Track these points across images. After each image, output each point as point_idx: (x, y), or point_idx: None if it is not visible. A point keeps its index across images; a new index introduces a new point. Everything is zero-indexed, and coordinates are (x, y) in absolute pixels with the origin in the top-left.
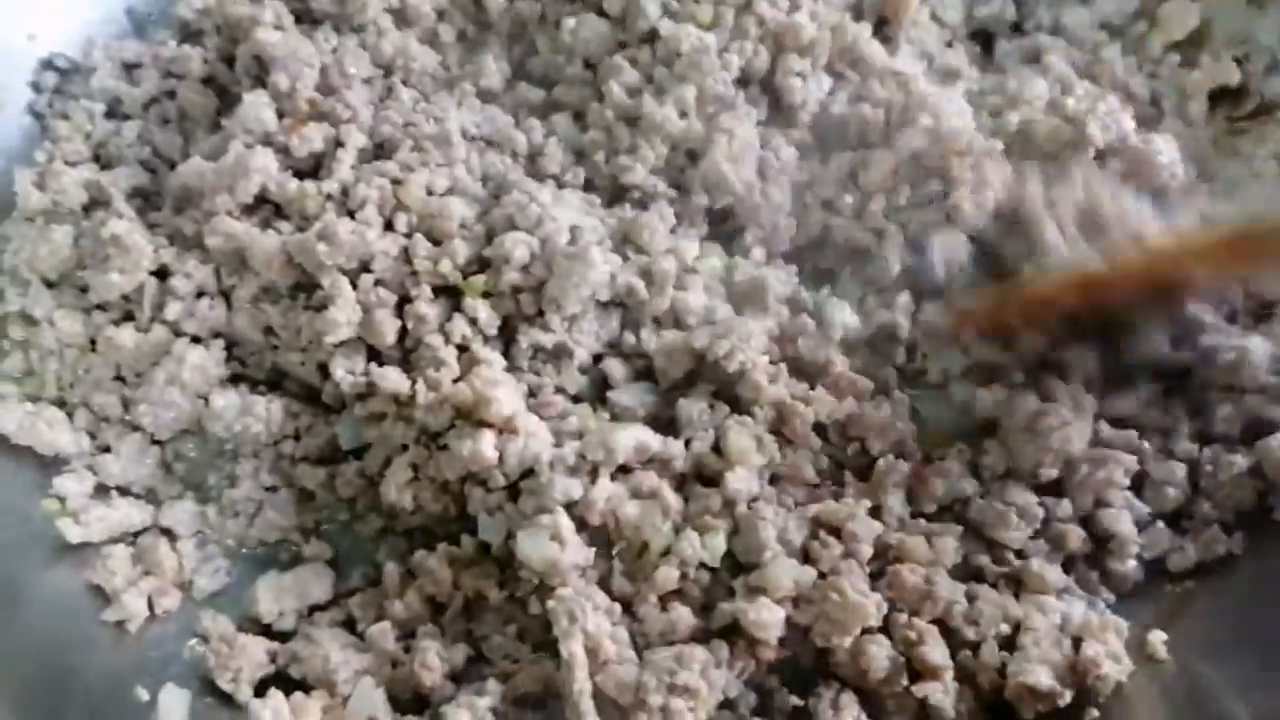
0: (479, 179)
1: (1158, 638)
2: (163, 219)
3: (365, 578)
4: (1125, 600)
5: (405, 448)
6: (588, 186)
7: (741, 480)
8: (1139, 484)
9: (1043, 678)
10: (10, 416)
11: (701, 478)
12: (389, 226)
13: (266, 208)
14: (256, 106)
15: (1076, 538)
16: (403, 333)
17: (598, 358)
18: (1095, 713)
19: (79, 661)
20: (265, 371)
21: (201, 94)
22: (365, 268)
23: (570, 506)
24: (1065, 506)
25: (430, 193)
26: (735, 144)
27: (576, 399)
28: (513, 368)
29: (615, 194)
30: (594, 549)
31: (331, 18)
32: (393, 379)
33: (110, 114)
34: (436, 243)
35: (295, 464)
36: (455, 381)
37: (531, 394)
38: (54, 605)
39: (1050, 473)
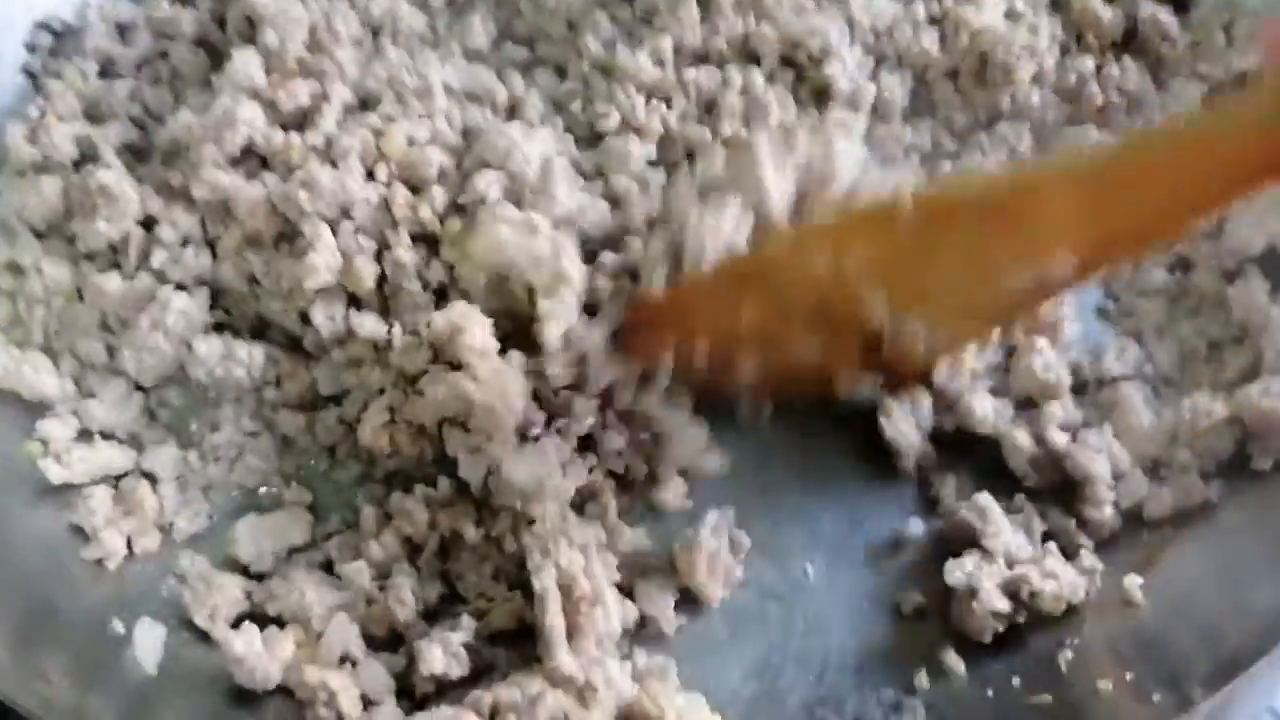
0: (459, 131)
1: (1133, 582)
2: (151, 172)
3: (344, 522)
4: (1102, 549)
5: (382, 392)
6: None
7: None
8: None
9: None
10: None
11: None
12: (370, 176)
13: (253, 160)
14: (246, 63)
15: None
16: (382, 280)
17: None
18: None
19: (59, 597)
20: (249, 320)
21: (193, 53)
22: (346, 215)
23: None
24: None
25: (411, 143)
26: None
27: None
28: None
29: (592, 142)
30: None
31: None
32: (370, 324)
33: (103, 73)
34: (416, 191)
35: (276, 410)
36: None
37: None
38: (37, 544)
39: None
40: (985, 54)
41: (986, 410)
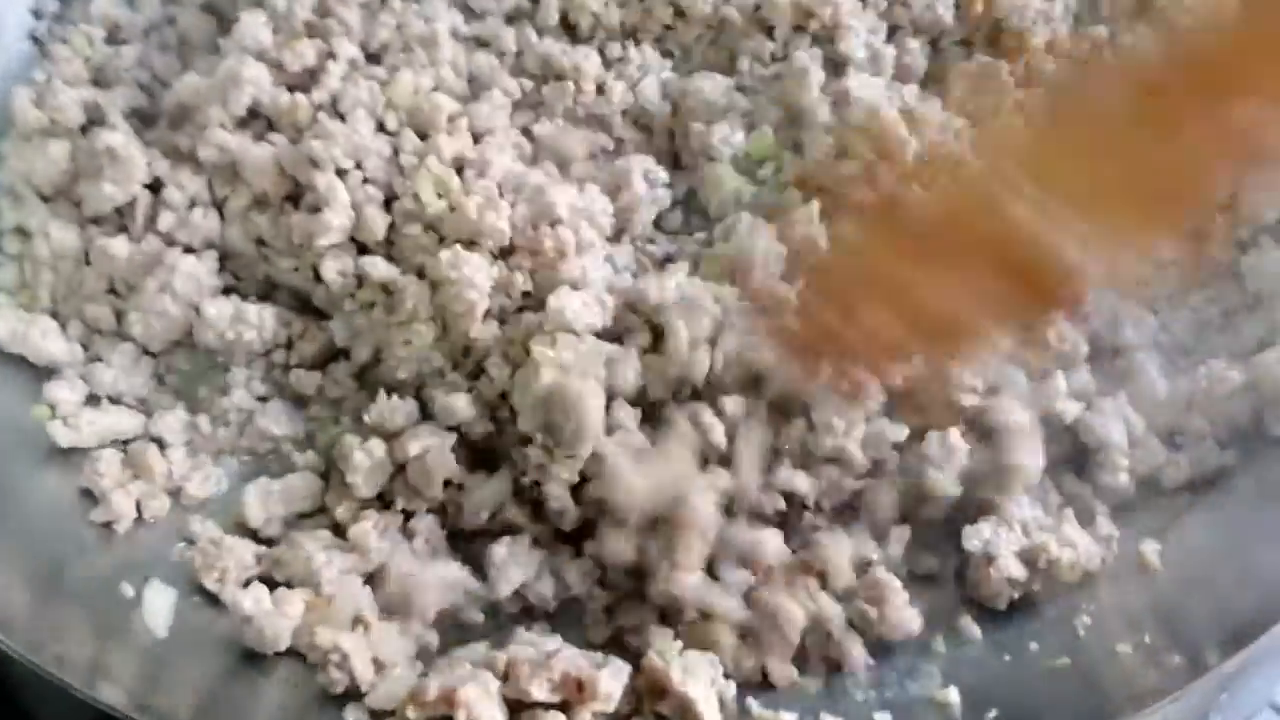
0: (465, 77)
1: (1151, 548)
2: (158, 136)
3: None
4: (1119, 515)
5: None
6: None
7: None
8: None
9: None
10: (3, 325)
11: None
12: (380, 128)
13: (259, 122)
14: (253, 25)
15: None
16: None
17: None
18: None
19: (69, 559)
20: (257, 282)
21: (201, 18)
22: (357, 167)
23: None
24: None
25: (416, 91)
26: None
27: None
28: None
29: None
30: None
31: None
32: (381, 268)
33: (110, 39)
34: (424, 138)
35: (288, 371)
36: None
37: None
38: (45, 507)
39: None
40: (999, 21)
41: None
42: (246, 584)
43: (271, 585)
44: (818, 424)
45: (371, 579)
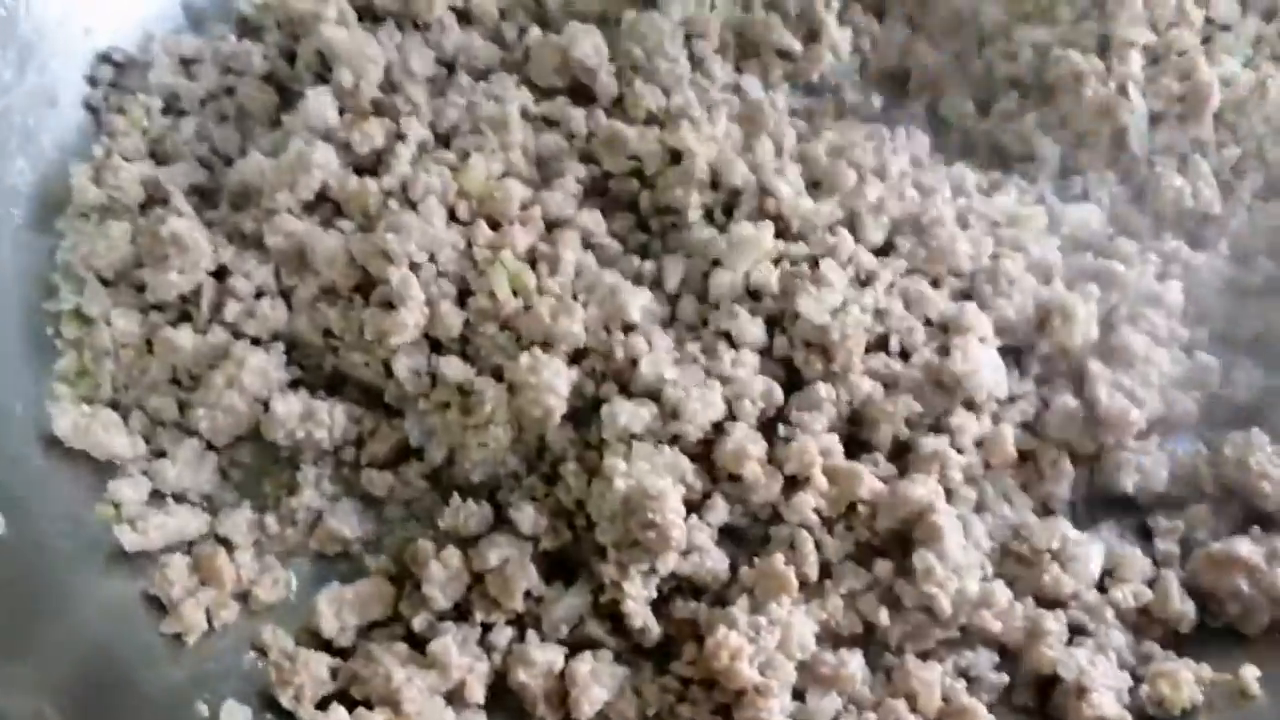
0: (533, 161)
1: (1251, 673)
2: (220, 217)
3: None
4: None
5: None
6: None
7: None
8: None
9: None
10: (65, 419)
11: None
12: (452, 216)
13: (326, 206)
14: (320, 103)
15: None
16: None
17: None
18: None
19: (135, 672)
20: (324, 375)
21: (262, 90)
22: (430, 260)
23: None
24: None
25: (488, 178)
26: None
27: None
28: None
29: None
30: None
31: (395, 15)
32: (458, 368)
33: (166, 110)
34: (495, 227)
35: (358, 469)
36: None
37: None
38: (108, 614)
39: None
40: None
41: None
42: (323, 703)
43: (348, 702)
44: (917, 570)
45: (451, 697)
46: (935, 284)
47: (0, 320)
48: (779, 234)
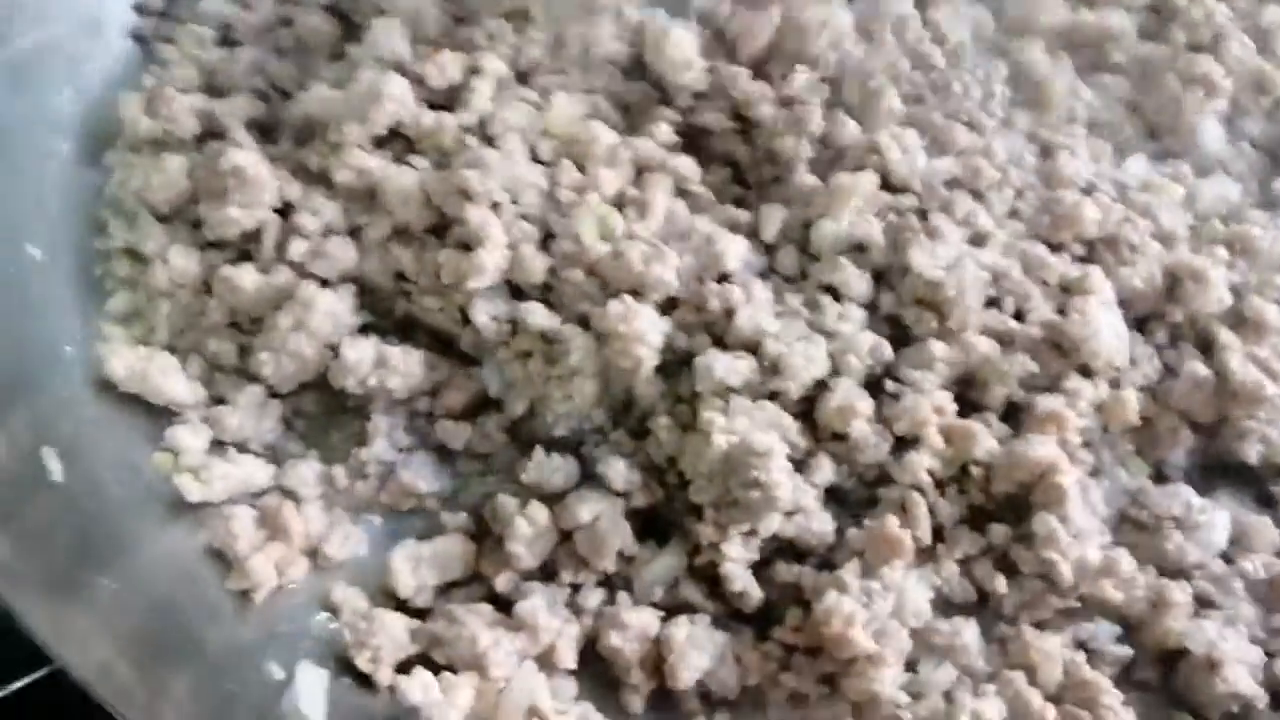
0: (622, 106)
1: None
2: (283, 152)
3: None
4: None
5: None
6: None
7: None
8: None
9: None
10: (119, 361)
11: None
12: (533, 156)
13: (399, 142)
14: (390, 34)
15: None
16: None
17: None
18: None
19: (202, 630)
20: (396, 321)
21: (323, 20)
22: (513, 201)
23: None
24: None
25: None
26: None
27: None
28: None
29: None
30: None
31: None
32: (540, 316)
33: (221, 41)
34: (582, 170)
35: (432, 420)
36: None
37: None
38: (171, 567)
39: None
40: None
41: None
42: (403, 666)
43: (429, 666)
44: (1038, 535)
45: (540, 661)
46: (1058, 248)
47: (47, 258)
48: (885, 186)
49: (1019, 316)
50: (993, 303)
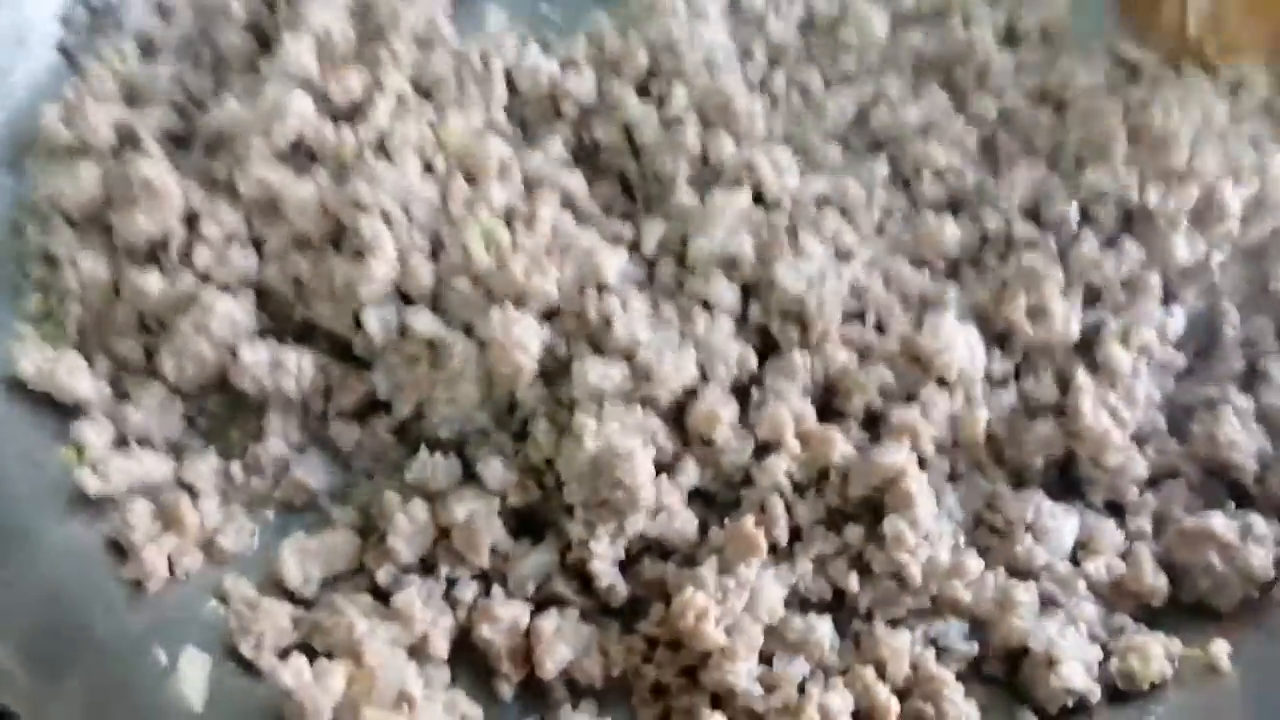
0: (517, 121)
1: (1222, 649)
2: (193, 163)
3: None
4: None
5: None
6: None
7: None
8: None
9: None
10: (28, 360)
11: None
12: (428, 170)
13: (301, 154)
14: (297, 49)
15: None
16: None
17: None
18: None
19: (94, 619)
20: (293, 325)
21: (240, 36)
22: (404, 212)
23: None
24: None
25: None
26: None
27: None
28: None
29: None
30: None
31: None
32: (426, 323)
33: (143, 54)
34: (472, 182)
35: (325, 420)
36: None
37: None
38: (67, 558)
39: None
40: None
41: None
42: (285, 652)
43: (310, 653)
44: (887, 537)
45: (414, 650)
46: (919, 264)
47: None
48: (759, 202)
49: (880, 330)
50: (856, 316)
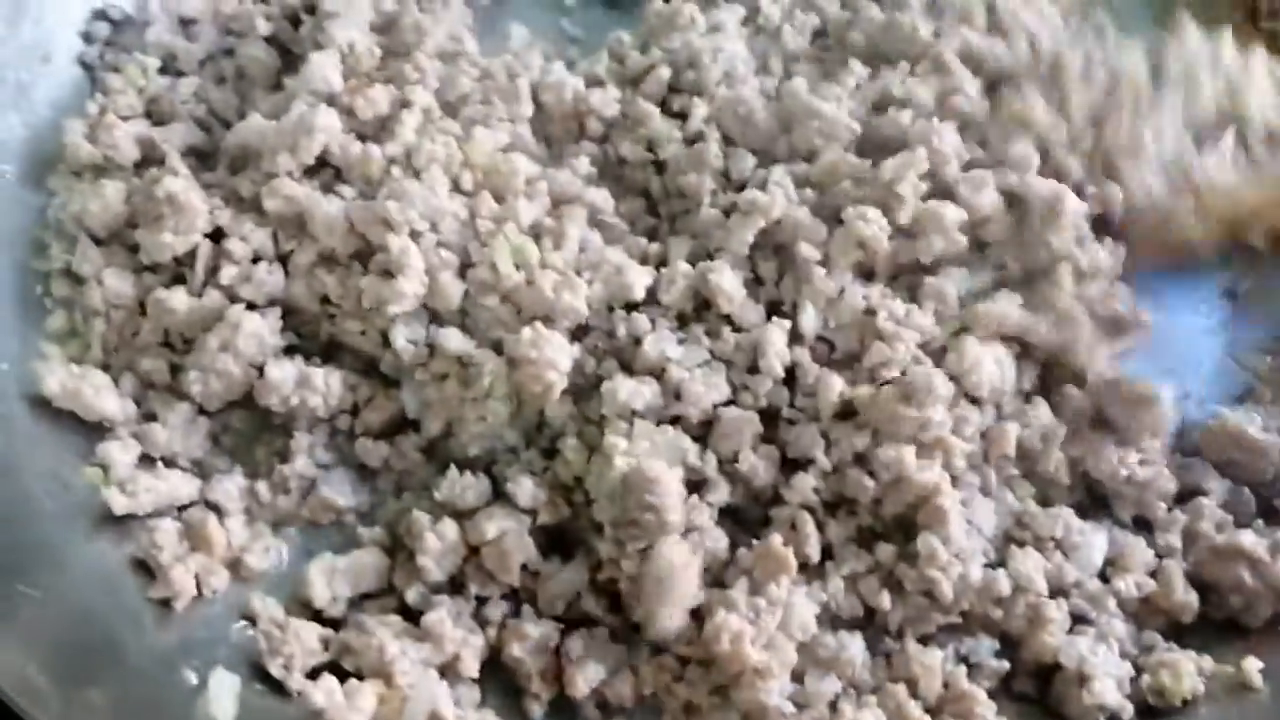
0: (544, 138)
1: (1253, 665)
2: (218, 179)
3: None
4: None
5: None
6: None
7: None
8: None
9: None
10: (53, 379)
11: None
12: (455, 187)
13: (327, 171)
14: (323, 66)
15: None
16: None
17: None
18: None
19: (122, 638)
20: (320, 343)
21: (264, 52)
22: (432, 229)
23: None
24: None
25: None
26: None
27: None
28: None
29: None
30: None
31: None
32: (456, 341)
33: (164, 69)
34: (500, 200)
35: (353, 439)
36: None
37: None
38: (95, 578)
39: None
40: None
41: None
42: (314, 673)
43: (339, 673)
44: (920, 554)
45: (445, 670)
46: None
47: None
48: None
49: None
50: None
